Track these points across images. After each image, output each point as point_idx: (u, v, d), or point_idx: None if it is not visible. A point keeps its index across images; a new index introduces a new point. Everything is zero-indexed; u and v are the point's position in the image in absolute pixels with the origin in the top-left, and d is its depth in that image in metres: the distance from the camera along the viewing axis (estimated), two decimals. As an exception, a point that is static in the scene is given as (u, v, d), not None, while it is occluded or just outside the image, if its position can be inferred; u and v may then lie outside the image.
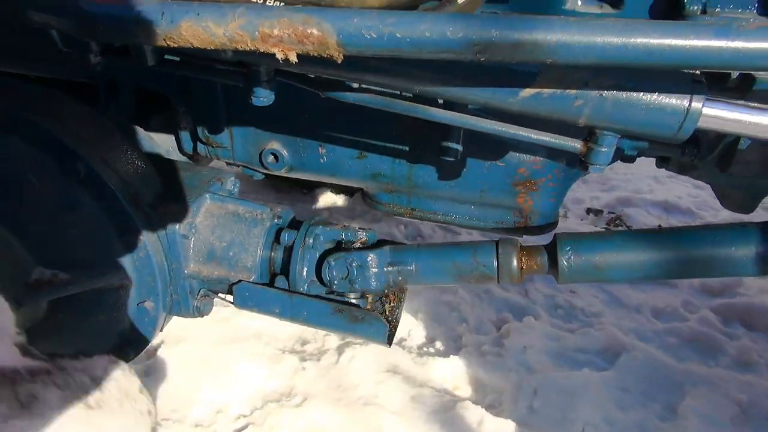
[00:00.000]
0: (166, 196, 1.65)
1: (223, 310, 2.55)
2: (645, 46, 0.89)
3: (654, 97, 1.08)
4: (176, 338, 2.47)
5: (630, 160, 1.76)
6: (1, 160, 1.50)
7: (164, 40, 0.95)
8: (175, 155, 2.03)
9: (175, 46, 0.96)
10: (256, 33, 0.93)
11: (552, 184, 1.71)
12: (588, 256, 1.47)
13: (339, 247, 1.62)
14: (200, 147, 1.95)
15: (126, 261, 1.58)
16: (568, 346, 2.59)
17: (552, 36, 0.91)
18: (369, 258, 1.55)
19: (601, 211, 3.92)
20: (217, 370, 2.32)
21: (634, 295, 3.01)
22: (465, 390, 2.36)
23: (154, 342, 2.43)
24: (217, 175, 1.76)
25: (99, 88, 1.94)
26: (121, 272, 1.59)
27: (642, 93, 1.08)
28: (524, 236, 1.93)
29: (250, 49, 0.94)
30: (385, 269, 1.56)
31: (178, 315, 1.74)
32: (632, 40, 0.89)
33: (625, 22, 0.90)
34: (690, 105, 1.07)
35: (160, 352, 2.41)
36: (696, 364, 2.51)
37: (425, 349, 2.55)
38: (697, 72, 1.13)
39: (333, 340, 2.52)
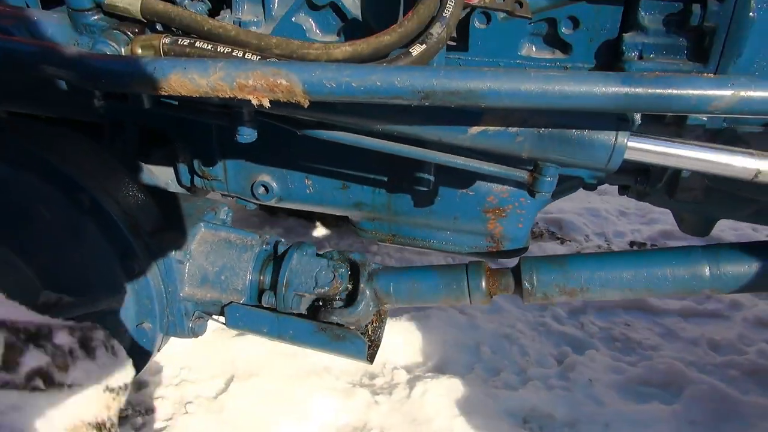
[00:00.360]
0: (164, 225, 1.79)
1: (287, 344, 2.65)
2: (561, 92, 1.05)
3: (584, 134, 1.23)
4: (247, 372, 2.55)
5: (591, 188, 1.90)
6: (13, 192, 1.66)
7: (156, 89, 1.12)
8: (174, 187, 2.18)
9: (165, 94, 1.12)
10: (234, 83, 1.09)
11: (519, 211, 1.85)
12: (548, 277, 1.60)
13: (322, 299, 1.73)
14: (197, 180, 2.10)
15: (126, 285, 1.72)
16: (631, 379, 2.63)
17: (484, 84, 1.06)
18: (353, 316, 1.67)
19: (645, 244, 3.99)
20: (291, 405, 2.38)
21: (688, 328, 3.04)
22: (537, 423, 2.41)
23: (226, 376, 2.56)
24: (211, 205, 1.91)
25: (105, 127, 2.10)
26: (121, 295, 1.73)
27: (574, 130, 1.23)
28: (499, 260, 2.07)
29: (230, 97, 1.10)
30: (369, 311, 1.68)
31: (174, 335, 1.87)
32: (550, 87, 1.05)
33: (545, 73, 1.06)
34: (616, 140, 1.22)
35: (231, 387, 2.49)
36: (760, 396, 2.52)
37: (492, 381, 2.60)
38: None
39: (402, 374, 2.59)
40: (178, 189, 2.18)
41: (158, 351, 1.88)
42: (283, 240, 1.86)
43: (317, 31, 1.66)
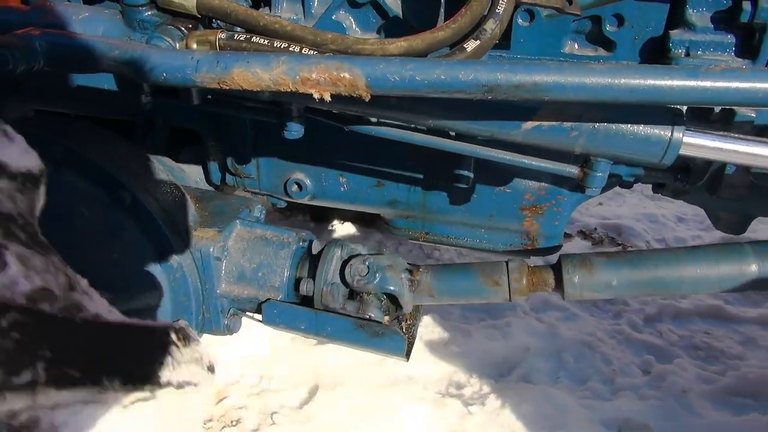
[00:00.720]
0: (201, 222, 1.80)
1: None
2: (627, 85, 1.05)
3: (640, 129, 1.23)
4: (332, 382, 2.52)
5: (627, 186, 1.90)
6: (56, 190, 1.66)
7: (218, 83, 1.12)
8: (203, 185, 2.19)
9: (227, 88, 1.12)
10: (297, 77, 1.09)
11: (556, 209, 1.86)
12: (589, 275, 1.60)
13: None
14: (228, 177, 2.11)
15: (163, 281, 1.72)
16: (722, 389, 2.60)
17: (549, 78, 1.07)
18: (386, 263, 1.66)
19: None
20: (381, 415, 2.36)
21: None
22: None
23: (309, 385, 2.54)
24: (245, 203, 1.91)
25: (137, 125, 2.11)
26: (158, 292, 1.74)
27: (629, 125, 1.23)
28: (531, 257, 2.07)
29: (291, 91, 1.11)
30: (402, 276, 1.67)
31: (209, 333, 1.87)
32: (616, 80, 1.05)
33: (611, 66, 1.06)
34: (672, 135, 1.23)
35: (317, 397, 2.47)
36: None
37: (580, 391, 2.58)
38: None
39: (490, 383, 2.58)
40: (207, 187, 2.18)
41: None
42: (316, 238, 1.87)
43: (357, 28, 1.67)
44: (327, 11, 1.65)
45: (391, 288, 1.67)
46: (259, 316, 1.81)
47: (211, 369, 1.22)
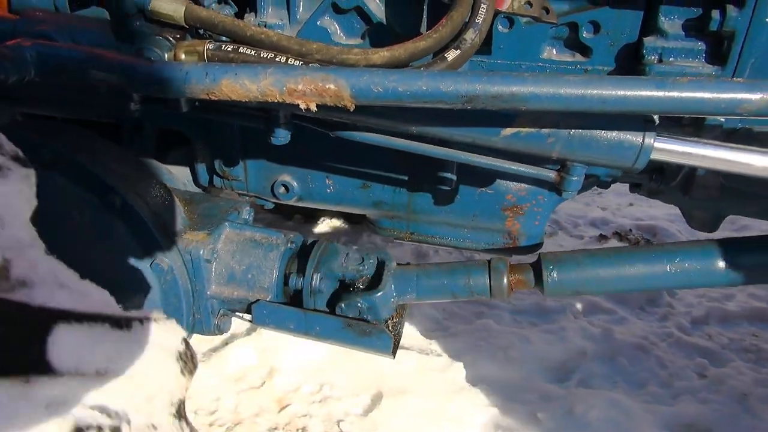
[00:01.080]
0: (190, 225, 1.83)
1: (434, 359, 2.64)
2: (599, 96, 1.11)
3: (613, 135, 1.29)
4: (396, 389, 2.52)
5: (605, 186, 1.97)
6: (46, 194, 1.69)
7: (207, 94, 1.16)
8: (191, 187, 2.22)
9: (216, 99, 1.16)
10: (284, 88, 1.13)
11: (536, 209, 1.91)
12: (568, 272, 1.66)
13: (348, 285, 1.75)
14: (216, 179, 2.14)
15: (154, 284, 1.76)
16: None
17: (525, 89, 1.12)
18: (377, 299, 1.69)
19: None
20: (449, 422, 2.36)
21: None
22: None
23: (372, 392, 2.53)
24: (234, 205, 1.95)
25: (123, 128, 2.14)
26: (150, 294, 1.77)
27: (603, 132, 1.29)
28: (513, 256, 2.13)
29: (278, 101, 1.15)
30: (391, 302, 1.72)
31: (199, 333, 1.90)
32: (589, 91, 1.11)
33: (584, 78, 1.12)
34: (643, 141, 1.28)
35: (382, 404, 2.47)
36: None
37: (641, 396, 2.61)
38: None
39: (552, 388, 2.60)
40: (195, 189, 2.21)
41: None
42: (305, 238, 1.91)
43: (341, 34, 1.71)
44: (312, 17, 1.68)
45: (384, 317, 1.72)
46: (249, 317, 1.85)
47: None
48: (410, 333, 2.87)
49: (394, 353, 1.82)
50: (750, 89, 1.11)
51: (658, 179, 1.76)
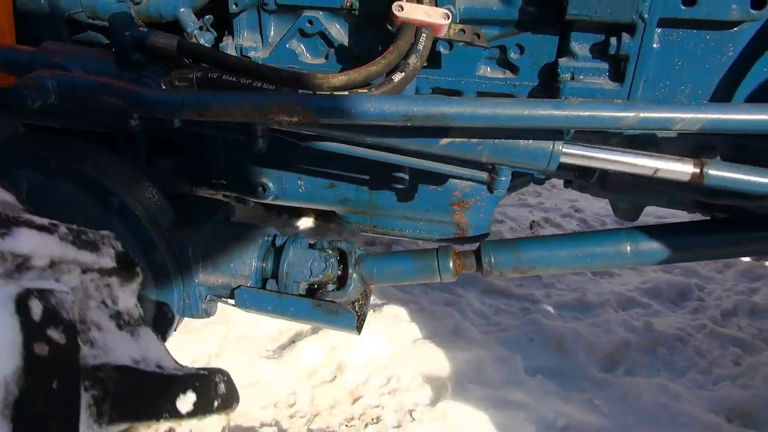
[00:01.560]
0: (180, 222, 2.09)
1: (490, 352, 2.79)
2: (510, 114, 1.41)
3: (529, 143, 1.60)
4: (458, 381, 2.68)
5: (540, 182, 2.28)
6: (52, 198, 1.93)
7: (199, 116, 1.43)
8: (180, 189, 2.47)
9: (205, 120, 1.44)
10: (262, 110, 1.41)
11: (480, 203, 2.21)
12: (503, 258, 1.96)
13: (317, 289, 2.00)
14: (202, 182, 2.40)
15: (148, 274, 2.01)
16: None
17: (452, 109, 1.42)
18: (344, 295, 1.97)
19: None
20: (513, 411, 2.53)
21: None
22: (740, 420, 2.58)
23: (437, 383, 2.71)
24: (218, 204, 2.22)
25: (119, 137, 2.38)
26: (145, 283, 2.02)
27: (521, 140, 1.59)
28: (464, 244, 2.43)
29: (257, 120, 1.43)
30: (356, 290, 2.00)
31: (189, 317, 2.16)
32: (502, 111, 1.41)
33: (499, 101, 1.42)
34: (553, 147, 1.59)
35: (449, 394, 2.64)
36: None
37: (684, 383, 2.78)
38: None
39: (605, 376, 2.78)
40: (183, 191, 2.47)
41: (175, 330, 2.18)
42: (279, 232, 2.18)
43: (308, 55, 1.98)
44: (282, 40, 1.95)
45: (343, 282, 1.98)
46: (232, 301, 2.11)
47: None
48: (466, 327, 3.08)
49: (359, 330, 2.09)
50: (626, 109, 1.42)
51: (581, 176, 2.07)
